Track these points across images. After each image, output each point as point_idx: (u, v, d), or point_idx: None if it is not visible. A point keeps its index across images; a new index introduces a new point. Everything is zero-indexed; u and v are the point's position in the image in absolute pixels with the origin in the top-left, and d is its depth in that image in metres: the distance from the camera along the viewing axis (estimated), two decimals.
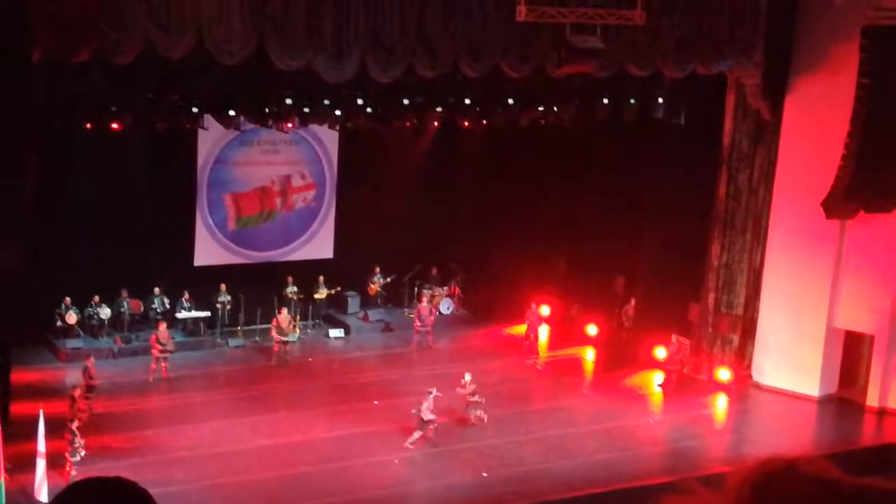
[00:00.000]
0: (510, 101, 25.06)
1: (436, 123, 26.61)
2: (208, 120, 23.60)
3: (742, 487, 2.35)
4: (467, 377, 21.95)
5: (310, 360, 25.90)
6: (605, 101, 25.23)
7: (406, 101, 24.16)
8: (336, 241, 28.09)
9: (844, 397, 24.41)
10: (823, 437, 23.06)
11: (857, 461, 20.04)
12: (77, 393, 20.20)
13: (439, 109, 25.12)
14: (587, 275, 28.51)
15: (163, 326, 24.04)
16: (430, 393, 20.88)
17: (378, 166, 27.89)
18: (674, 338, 24.56)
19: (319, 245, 28.04)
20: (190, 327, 25.88)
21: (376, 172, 27.86)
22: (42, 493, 17.20)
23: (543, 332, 27.81)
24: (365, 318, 28.18)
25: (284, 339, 25.37)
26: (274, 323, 25.32)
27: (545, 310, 27.91)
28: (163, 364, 23.71)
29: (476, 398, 21.83)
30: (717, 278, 25.20)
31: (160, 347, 23.70)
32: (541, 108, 25.82)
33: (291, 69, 19.67)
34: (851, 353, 24.56)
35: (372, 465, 19.99)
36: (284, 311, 25.68)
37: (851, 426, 23.42)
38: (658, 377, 24.73)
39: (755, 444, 22.17)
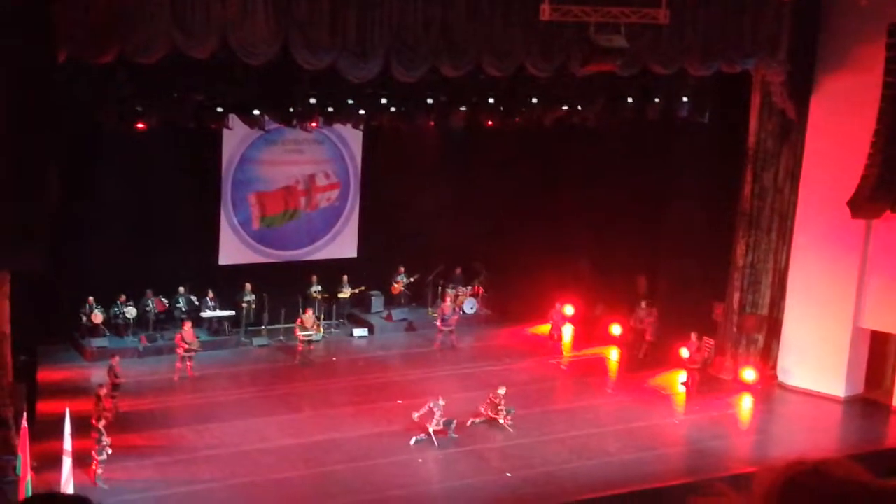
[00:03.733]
0: (534, 100, 25.01)
1: (459, 123, 26.59)
2: (233, 120, 23.67)
3: (770, 490, 2.34)
4: (501, 391, 21.79)
5: (334, 359, 25.97)
6: (630, 99, 25.15)
7: (430, 101, 24.16)
8: (360, 240, 28.14)
9: (870, 398, 24.28)
10: (849, 437, 22.93)
11: (883, 462, 19.91)
12: (103, 392, 20.31)
13: (463, 109, 25.09)
14: (611, 274, 28.47)
15: (188, 325, 24.16)
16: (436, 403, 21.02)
17: (402, 165, 27.89)
18: (693, 336, 24.46)
19: (343, 244, 28.09)
20: (215, 326, 26.00)
21: (400, 172, 27.87)
22: (68, 491, 17.29)
23: (567, 331, 27.79)
24: (389, 318, 28.22)
25: (309, 338, 25.44)
26: (298, 322, 25.43)
27: (569, 309, 27.88)
28: (188, 363, 23.82)
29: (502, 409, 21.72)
30: (742, 278, 25.10)
31: (185, 346, 23.81)
32: (565, 107, 25.75)
33: (316, 69, 19.72)
34: (877, 354, 24.42)
35: (396, 464, 20.01)
36: (310, 311, 25.75)
37: (877, 427, 23.27)
38: (682, 376, 24.66)
39: (780, 444, 22.08)
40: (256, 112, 23.17)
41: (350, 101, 23.37)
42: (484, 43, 20.45)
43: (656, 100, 25.26)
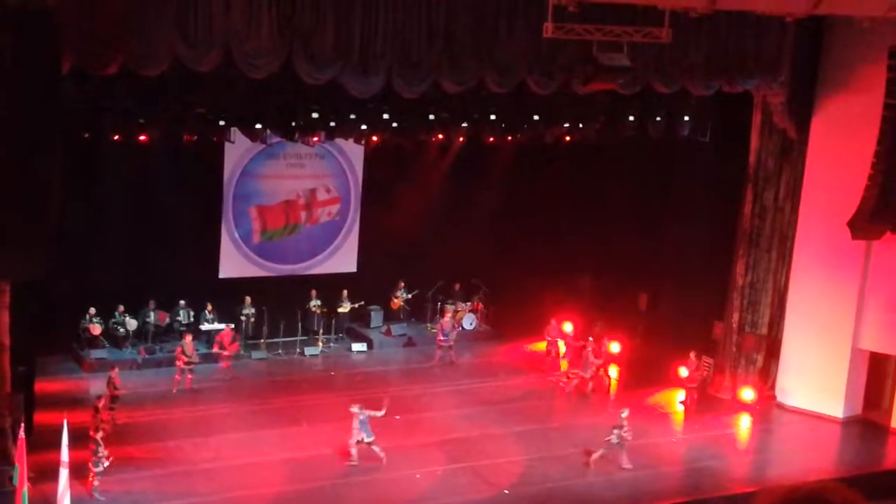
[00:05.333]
0: (535, 117, 25.06)
1: (461, 139, 26.66)
2: (235, 133, 23.70)
3: None
4: (624, 414, 21.36)
5: (332, 373, 25.94)
6: (631, 118, 25.20)
7: (431, 117, 24.20)
8: (360, 254, 28.14)
9: (869, 419, 24.26)
10: (847, 458, 22.87)
11: (881, 484, 19.88)
12: (101, 403, 20.30)
13: (464, 125, 25.14)
14: (611, 292, 28.46)
15: (188, 338, 24.10)
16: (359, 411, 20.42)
17: (403, 181, 27.95)
18: (692, 355, 24.42)
19: (343, 259, 28.10)
20: (213, 339, 25.95)
21: (401, 187, 27.93)
22: (65, 502, 17.26)
23: (564, 348, 27.73)
24: (388, 333, 28.21)
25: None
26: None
27: (568, 326, 27.83)
28: (188, 376, 23.78)
29: (623, 436, 21.07)
30: (741, 297, 25.11)
31: (185, 359, 23.77)
32: (566, 125, 25.80)
33: (318, 83, 19.76)
34: (876, 375, 24.41)
35: (393, 479, 19.97)
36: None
37: (875, 448, 23.24)
38: (681, 395, 24.63)
39: (778, 464, 22.07)
40: (258, 126, 23.21)
41: (352, 116, 23.41)
42: (486, 59, 20.49)
43: (657, 118, 25.31)
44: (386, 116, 23.63)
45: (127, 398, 22.30)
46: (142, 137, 22.43)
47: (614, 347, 27.18)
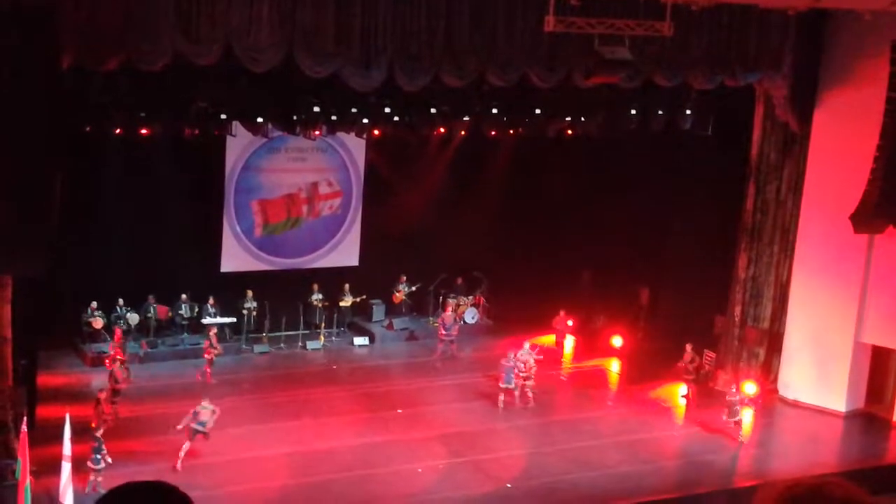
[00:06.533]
0: (537, 110, 25.00)
1: (462, 132, 26.61)
2: (237, 127, 23.67)
3: None
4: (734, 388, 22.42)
5: (334, 367, 25.95)
6: (633, 111, 25.15)
7: (433, 110, 24.16)
8: (362, 248, 28.13)
9: (871, 413, 24.25)
10: (849, 452, 22.88)
11: (884, 478, 19.87)
12: (103, 396, 20.32)
13: (466, 119, 25.10)
14: (612, 286, 28.44)
15: (213, 331, 24.19)
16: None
17: (404, 175, 27.94)
18: (688, 347, 24.32)
19: (345, 253, 28.09)
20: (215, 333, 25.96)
21: (402, 181, 27.92)
22: (67, 496, 17.28)
23: (568, 342, 27.74)
24: (390, 327, 28.21)
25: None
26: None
27: (569, 321, 27.81)
28: (208, 369, 23.88)
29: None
30: (743, 291, 25.08)
31: (212, 352, 23.83)
32: (568, 119, 25.76)
33: (320, 77, 19.74)
34: (878, 369, 24.39)
35: (395, 473, 19.99)
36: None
37: (878, 442, 23.24)
38: (682, 389, 24.61)
39: (780, 458, 22.06)
40: (260, 119, 23.18)
41: (353, 110, 23.37)
42: (487, 53, 20.47)
43: (659, 112, 25.26)
44: (387, 110, 23.58)
45: (129, 392, 22.31)
46: (143, 131, 22.42)
47: (616, 342, 27.22)
